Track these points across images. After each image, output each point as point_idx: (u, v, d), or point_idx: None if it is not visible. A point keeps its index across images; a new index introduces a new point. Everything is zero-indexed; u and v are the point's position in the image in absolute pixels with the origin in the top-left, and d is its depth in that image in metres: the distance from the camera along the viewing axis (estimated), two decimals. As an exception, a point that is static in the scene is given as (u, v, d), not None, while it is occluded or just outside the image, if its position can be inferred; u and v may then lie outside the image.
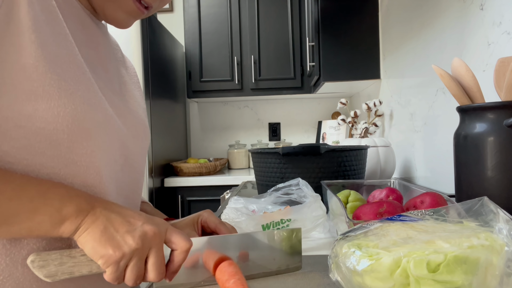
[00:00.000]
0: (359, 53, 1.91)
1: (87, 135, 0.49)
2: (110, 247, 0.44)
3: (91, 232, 0.44)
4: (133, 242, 0.45)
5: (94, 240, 0.44)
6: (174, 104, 2.45)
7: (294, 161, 1.06)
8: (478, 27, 0.98)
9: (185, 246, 0.48)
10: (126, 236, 0.45)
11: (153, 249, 0.46)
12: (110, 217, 0.46)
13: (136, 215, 0.48)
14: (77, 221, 0.44)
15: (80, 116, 0.48)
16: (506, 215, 0.43)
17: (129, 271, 0.45)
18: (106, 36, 0.64)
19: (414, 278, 0.39)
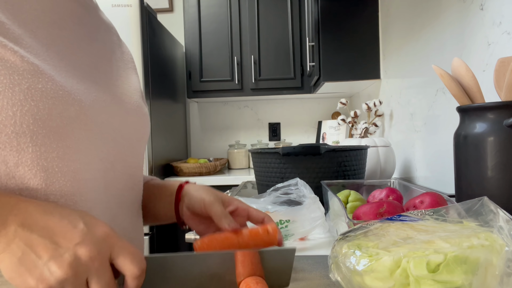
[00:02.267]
0: (359, 53, 1.91)
1: (55, 135, 0.42)
2: (32, 280, 0.35)
3: (6, 259, 0.36)
4: (60, 272, 0.36)
5: (11, 270, 0.36)
6: (174, 104, 2.45)
7: (294, 161, 1.06)
8: (478, 27, 0.98)
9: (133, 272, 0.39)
10: (51, 265, 0.36)
11: (93, 275, 0.37)
12: (30, 239, 0.36)
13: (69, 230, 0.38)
14: None
15: (42, 114, 0.41)
16: (506, 215, 0.43)
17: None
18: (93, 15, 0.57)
19: (414, 278, 0.39)
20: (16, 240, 0.36)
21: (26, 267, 0.36)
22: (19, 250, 0.36)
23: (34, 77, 0.41)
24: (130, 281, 0.40)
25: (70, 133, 0.44)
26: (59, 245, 0.37)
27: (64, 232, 0.38)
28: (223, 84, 2.52)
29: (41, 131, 0.41)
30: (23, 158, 0.41)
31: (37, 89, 0.41)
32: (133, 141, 0.57)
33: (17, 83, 0.39)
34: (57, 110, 0.42)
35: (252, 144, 2.78)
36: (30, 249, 0.36)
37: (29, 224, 0.37)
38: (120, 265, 0.39)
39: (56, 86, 0.43)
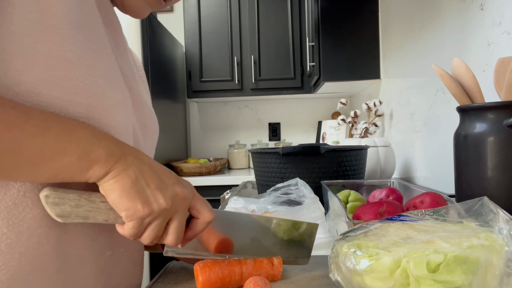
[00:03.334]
0: (359, 53, 1.91)
1: (104, 113, 0.45)
2: (139, 201, 0.41)
3: (121, 181, 0.41)
4: (163, 201, 0.42)
5: (123, 190, 0.41)
6: (174, 104, 2.45)
7: (294, 161, 1.06)
8: (478, 27, 0.98)
9: (208, 217, 0.47)
10: (157, 193, 0.42)
11: (179, 213, 0.44)
12: (142, 169, 0.43)
13: (167, 172, 0.45)
14: (107, 166, 0.41)
15: (99, 91, 0.44)
16: (506, 215, 0.43)
17: (150, 230, 0.43)
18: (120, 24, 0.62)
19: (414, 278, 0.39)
20: (132, 167, 0.42)
21: (137, 190, 0.41)
22: (133, 175, 0.42)
23: (96, 57, 0.45)
24: (201, 224, 0.47)
25: (115, 115, 0.47)
26: (163, 181, 0.44)
27: (164, 172, 0.45)
28: (223, 84, 2.52)
29: (95, 105, 0.44)
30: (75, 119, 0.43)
31: (98, 68, 0.45)
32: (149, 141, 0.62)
33: (84, 58, 0.43)
34: (110, 91, 0.46)
35: (252, 144, 2.78)
36: (142, 177, 0.42)
37: (141, 158, 0.44)
38: (199, 209, 0.46)
39: (111, 69, 0.47)
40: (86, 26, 0.44)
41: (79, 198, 0.41)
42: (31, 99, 0.40)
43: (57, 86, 0.41)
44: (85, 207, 0.41)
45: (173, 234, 0.45)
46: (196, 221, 0.47)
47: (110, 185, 0.41)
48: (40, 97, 0.41)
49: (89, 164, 0.40)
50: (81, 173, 0.40)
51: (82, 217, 0.41)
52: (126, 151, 0.43)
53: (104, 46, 0.47)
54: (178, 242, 0.45)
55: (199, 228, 0.47)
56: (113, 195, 0.41)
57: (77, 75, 0.42)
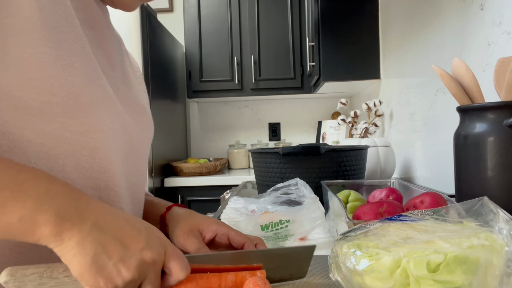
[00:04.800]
0: (359, 53, 1.91)
1: (83, 111, 0.45)
2: (101, 279, 0.38)
3: (78, 256, 0.37)
4: (127, 274, 0.39)
5: (83, 268, 0.37)
6: (174, 104, 2.45)
7: (294, 161, 1.06)
8: (478, 27, 0.98)
9: (179, 277, 0.43)
10: (120, 266, 0.39)
11: (149, 278, 0.41)
12: (103, 240, 0.38)
13: (135, 234, 0.41)
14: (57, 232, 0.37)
15: (76, 89, 0.44)
16: (506, 215, 0.43)
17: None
18: (109, 23, 0.62)
19: (414, 278, 0.39)
20: (90, 238, 0.38)
21: (98, 265, 0.38)
22: (92, 249, 0.38)
23: (73, 56, 0.45)
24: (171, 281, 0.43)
25: (96, 113, 0.47)
26: (128, 248, 0.39)
27: (131, 236, 0.40)
28: (223, 84, 2.52)
29: (73, 104, 0.44)
30: (51, 127, 0.43)
31: (75, 67, 0.44)
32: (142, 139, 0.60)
33: (59, 58, 0.43)
34: (88, 89, 0.46)
35: (252, 144, 2.78)
36: (102, 249, 0.38)
37: (102, 224, 0.39)
38: (170, 269, 0.42)
39: (89, 68, 0.47)
40: (60, 27, 0.44)
41: (40, 277, 0.39)
42: (7, 103, 0.40)
43: (32, 88, 0.41)
44: (49, 284, 0.39)
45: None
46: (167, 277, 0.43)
47: (68, 259, 0.37)
48: (16, 100, 0.40)
49: (34, 227, 0.36)
50: (25, 236, 0.36)
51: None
52: (84, 214, 0.39)
53: (82, 46, 0.47)
54: None
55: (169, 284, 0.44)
56: (73, 270, 0.38)
57: (51, 75, 0.42)
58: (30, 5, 0.41)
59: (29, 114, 0.41)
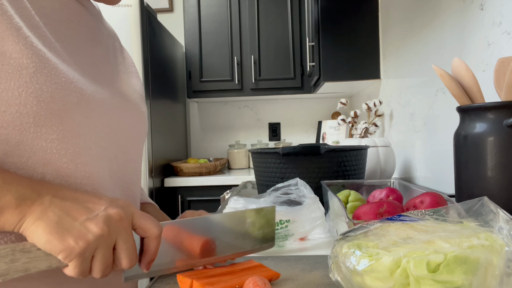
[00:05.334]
0: (359, 53, 1.91)
1: (56, 118, 0.44)
2: (71, 238, 0.38)
3: (42, 224, 0.38)
4: (97, 228, 0.39)
5: (49, 233, 0.38)
6: (174, 104, 2.45)
7: (294, 161, 1.06)
8: (478, 27, 0.98)
9: (155, 232, 0.44)
10: (87, 223, 0.39)
11: (121, 235, 0.41)
12: (64, 206, 0.40)
13: (96, 199, 0.42)
14: (20, 211, 0.38)
15: (45, 97, 0.43)
16: (506, 215, 0.43)
17: (96, 261, 0.40)
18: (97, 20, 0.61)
19: (414, 278, 0.39)
20: (51, 208, 0.39)
21: (64, 228, 0.38)
22: (55, 216, 0.39)
23: (41, 62, 0.44)
24: (151, 241, 0.44)
25: (71, 118, 0.46)
26: (91, 209, 0.41)
27: (92, 200, 0.42)
28: (223, 84, 2.52)
29: (44, 112, 0.43)
30: (24, 137, 0.43)
31: (43, 73, 0.43)
32: (132, 136, 0.59)
33: (25, 67, 0.42)
34: (59, 95, 0.45)
35: (252, 144, 2.78)
36: (66, 214, 0.39)
37: (61, 195, 0.41)
38: (142, 227, 0.43)
39: (60, 73, 0.46)
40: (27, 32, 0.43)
41: (13, 252, 0.38)
42: None
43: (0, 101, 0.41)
44: (22, 260, 0.39)
45: (125, 258, 0.42)
46: (145, 240, 0.44)
47: (33, 232, 0.38)
48: None
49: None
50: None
51: (22, 270, 0.38)
52: (42, 192, 0.40)
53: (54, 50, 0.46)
54: (133, 264, 0.43)
55: (152, 246, 0.44)
56: (40, 240, 0.38)
57: (17, 85, 0.41)
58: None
59: (1, 127, 0.41)
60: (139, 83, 0.68)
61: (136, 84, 0.66)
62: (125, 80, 0.63)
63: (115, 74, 0.60)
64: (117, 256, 0.42)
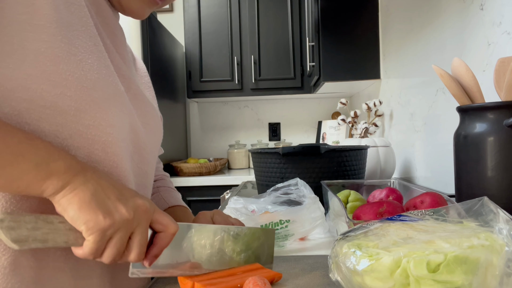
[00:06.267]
0: (359, 53, 1.91)
1: (95, 105, 0.47)
2: (100, 212, 0.40)
3: (80, 194, 0.40)
4: (125, 211, 0.42)
5: (83, 202, 0.40)
6: (174, 104, 2.45)
7: (294, 161, 1.06)
8: (478, 27, 0.98)
9: (173, 229, 0.46)
10: (118, 204, 0.42)
11: (141, 226, 0.43)
12: (101, 182, 0.43)
13: (127, 188, 0.45)
14: (65, 178, 0.40)
15: (89, 84, 0.46)
16: (506, 215, 0.43)
17: (111, 245, 0.41)
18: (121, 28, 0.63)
19: (414, 278, 0.39)
20: (91, 181, 0.42)
21: (97, 202, 0.41)
22: (93, 188, 0.41)
23: (86, 52, 0.47)
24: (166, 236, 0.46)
25: (108, 108, 0.48)
26: (123, 193, 0.44)
27: (124, 187, 0.45)
28: (223, 84, 2.52)
29: (85, 98, 0.46)
30: (64, 119, 0.45)
31: (87, 63, 0.47)
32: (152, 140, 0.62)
33: (73, 53, 0.45)
34: (100, 84, 0.48)
35: (252, 144, 2.78)
36: (102, 190, 0.42)
37: (99, 175, 0.44)
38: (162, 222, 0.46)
39: (101, 65, 0.49)
40: (75, 26, 0.46)
41: (36, 220, 0.39)
42: (22, 94, 0.42)
43: (46, 81, 0.43)
44: (43, 229, 0.39)
45: (136, 249, 0.43)
46: (160, 235, 0.46)
47: (68, 200, 0.40)
48: (31, 91, 0.42)
49: (47, 174, 0.40)
50: (37, 183, 0.39)
51: (41, 240, 0.39)
52: (85, 166, 0.43)
53: (95, 44, 0.49)
54: (140, 257, 0.44)
55: (164, 241, 0.47)
56: (72, 209, 0.40)
57: (65, 69, 0.44)
58: (46, 3, 0.43)
59: (43, 106, 0.43)
60: (152, 93, 0.73)
61: (150, 94, 0.70)
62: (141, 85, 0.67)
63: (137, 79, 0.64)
64: (129, 246, 0.43)
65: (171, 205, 0.74)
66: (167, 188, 0.78)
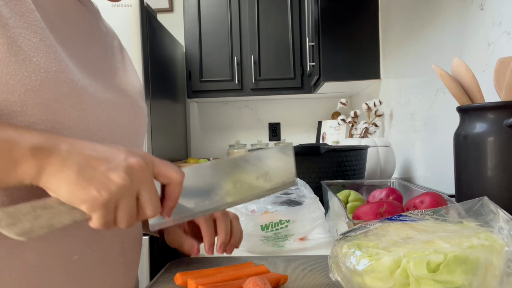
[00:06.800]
0: (359, 53, 1.91)
1: (45, 108, 0.43)
2: (93, 188, 0.37)
3: (63, 175, 0.37)
4: (119, 178, 0.38)
5: (70, 184, 0.37)
6: (174, 104, 2.45)
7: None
8: (478, 27, 0.98)
9: (178, 178, 0.43)
10: (109, 173, 0.38)
11: (143, 185, 0.40)
12: (84, 155, 0.38)
13: (114, 150, 0.41)
14: (37, 162, 0.37)
15: (34, 84, 0.42)
16: (506, 215, 0.43)
17: (120, 211, 0.39)
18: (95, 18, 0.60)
19: (414, 278, 0.39)
20: (70, 158, 0.38)
21: (85, 178, 0.37)
22: (75, 166, 0.37)
23: (30, 50, 0.43)
24: (174, 187, 0.43)
25: (61, 108, 0.44)
26: (111, 160, 0.39)
27: (110, 152, 0.40)
28: (223, 84, 2.52)
29: (32, 101, 0.42)
30: None
31: (32, 62, 0.42)
32: (129, 131, 0.58)
33: (13, 53, 0.41)
34: (49, 84, 0.43)
35: (252, 144, 2.78)
36: (86, 163, 0.38)
37: (78, 146, 0.39)
38: (164, 174, 0.42)
39: (51, 62, 0.44)
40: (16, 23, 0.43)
41: (34, 209, 0.37)
42: None
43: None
44: (45, 216, 0.37)
45: (149, 206, 0.41)
46: (168, 187, 0.43)
47: (54, 184, 0.37)
48: None
49: (14, 164, 0.36)
50: (9, 175, 0.37)
51: (47, 226, 0.37)
52: (58, 142, 0.39)
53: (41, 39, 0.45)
54: (157, 212, 0.42)
55: (174, 192, 0.43)
56: (63, 192, 0.37)
57: (5, 72, 0.40)
58: None
59: None
60: (138, 81, 0.68)
61: (135, 81, 0.66)
62: (123, 77, 0.62)
63: (113, 71, 0.60)
64: (141, 206, 0.41)
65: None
66: None
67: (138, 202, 0.41)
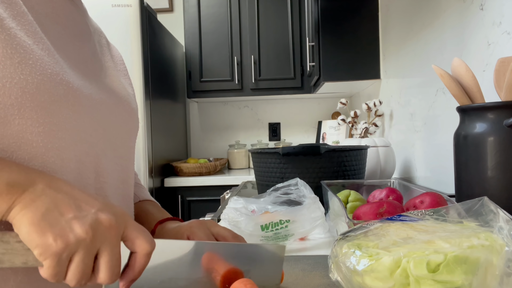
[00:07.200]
0: (359, 53, 1.91)
1: (42, 110, 0.43)
2: (51, 235, 0.35)
3: (29, 214, 0.35)
4: (81, 230, 0.36)
5: (32, 224, 0.35)
6: (174, 104, 2.45)
7: (294, 161, 1.06)
8: (478, 27, 0.98)
9: (145, 248, 0.40)
10: (73, 223, 0.36)
11: (106, 244, 0.37)
12: (56, 198, 0.37)
13: (91, 200, 0.39)
14: (10, 198, 0.36)
15: (31, 87, 0.42)
16: (506, 215, 0.43)
17: (73, 267, 0.36)
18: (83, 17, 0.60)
19: (414, 278, 0.39)
20: (42, 197, 0.37)
21: (48, 222, 0.36)
22: (43, 206, 0.36)
23: (26, 52, 0.42)
24: (140, 258, 0.40)
25: (57, 111, 0.44)
26: (82, 209, 0.38)
27: (86, 200, 0.39)
28: (223, 84, 2.52)
29: (29, 104, 0.42)
30: (9, 130, 0.41)
31: (28, 64, 0.42)
32: (122, 132, 0.58)
33: (9, 57, 0.41)
34: (45, 86, 0.43)
35: (252, 144, 2.78)
36: (55, 206, 0.37)
37: (56, 186, 0.38)
38: (134, 240, 0.40)
39: (46, 64, 0.44)
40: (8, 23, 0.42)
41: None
42: None
43: None
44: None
45: (105, 270, 0.37)
46: (134, 255, 0.40)
47: (18, 221, 0.36)
48: None
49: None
50: None
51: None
52: (36, 180, 0.38)
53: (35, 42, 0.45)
54: (114, 279, 0.38)
55: (139, 263, 0.40)
56: (22, 231, 0.35)
57: (1, 75, 0.40)
58: None
59: None
60: (129, 81, 0.67)
61: (126, 81, 0.65)
62: (115, 76, 0.62)
63: (104, 71, 0.59)
64: (97, 267, 0.38)
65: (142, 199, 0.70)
66: (136, 184, 0.74)
67: (96, 262, 0.38)
